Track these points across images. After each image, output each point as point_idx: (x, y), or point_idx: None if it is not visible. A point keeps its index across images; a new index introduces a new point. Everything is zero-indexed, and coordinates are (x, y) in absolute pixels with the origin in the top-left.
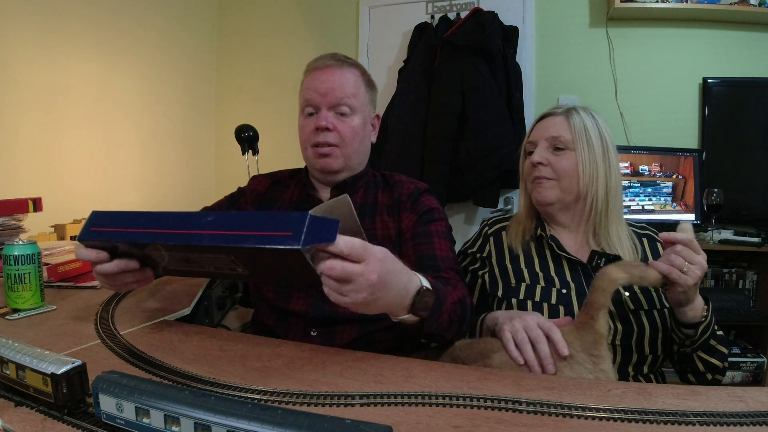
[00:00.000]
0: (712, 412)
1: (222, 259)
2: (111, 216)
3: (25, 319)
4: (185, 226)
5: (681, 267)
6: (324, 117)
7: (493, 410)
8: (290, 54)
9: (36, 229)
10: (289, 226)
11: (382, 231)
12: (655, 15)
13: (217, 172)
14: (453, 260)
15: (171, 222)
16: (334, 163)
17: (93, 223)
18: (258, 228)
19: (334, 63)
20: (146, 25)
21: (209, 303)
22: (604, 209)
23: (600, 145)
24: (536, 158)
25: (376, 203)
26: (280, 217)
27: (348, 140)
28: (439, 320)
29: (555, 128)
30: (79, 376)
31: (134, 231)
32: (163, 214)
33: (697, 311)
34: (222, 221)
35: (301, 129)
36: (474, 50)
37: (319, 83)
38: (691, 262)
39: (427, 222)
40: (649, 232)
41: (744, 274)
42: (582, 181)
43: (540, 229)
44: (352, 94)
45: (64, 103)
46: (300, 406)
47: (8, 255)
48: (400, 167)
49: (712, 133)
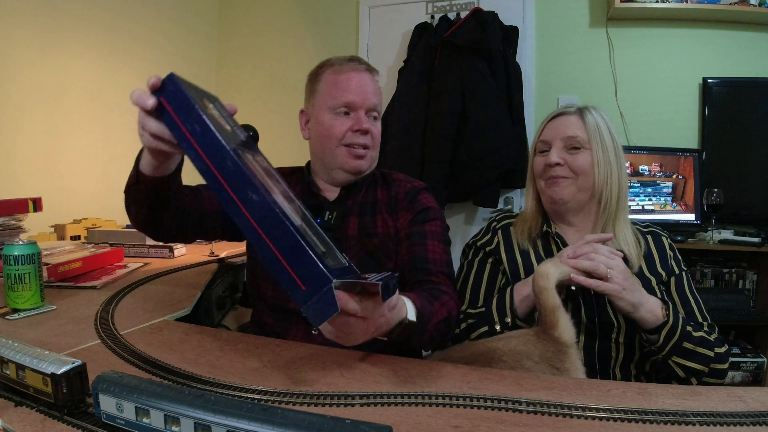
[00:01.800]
0: (712, 412)
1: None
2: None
3: (25, 319)
4: (234, 184)
5: (604, 274)
6: (364, 120)
7: (493, 410)
8: (290, 54)
9: (36, 229)
10: (311, 284)
11: (383, 228)
12: (655, 15)
13: None
14: (445, 263)
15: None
16: (365, 165)
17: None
18: (288, 258)
19: (366, 67)
20: (146, 25)
21: (209, 303)
22: (615, 207)
23: (612, 145)
24: (554, 158)
25: (376, 201)
26: (312, 269)
27: (377, 144)
28: (420, 340)
29: (571, 128)
30: (79, 376)
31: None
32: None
33: (655, 314)
34: (264, 217)
35: (331, 127)
36: (474, 50)
37: (356, 85)
38: (609, 266)
39: (422, 221)
40: (653, 229)
41: (744, 274)
42: (597, 180)
43: (546, 226)
44: (380, 101)
45: (64, 103)
46: (300, 406)
47: (8, 255)
48: (401, 167)
49: (712, 133)
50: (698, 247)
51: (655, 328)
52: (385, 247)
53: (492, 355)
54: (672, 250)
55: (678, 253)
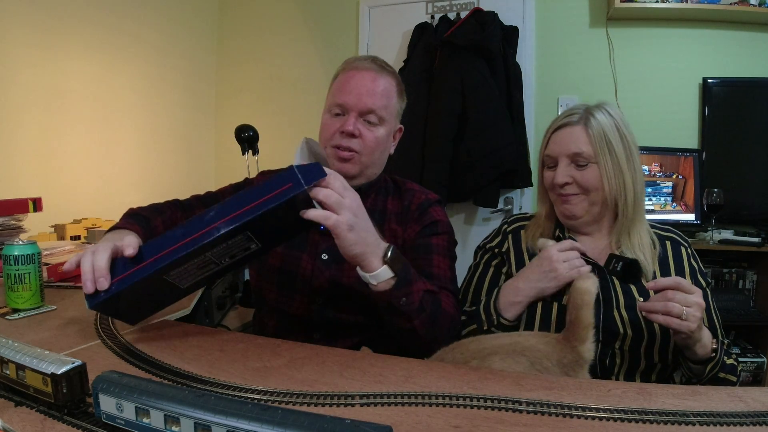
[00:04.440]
0: (712, 412)
1: (237, 241)
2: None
3: (25, 319)
4: (195, 231)
5: (679, 314)
6: (351, 123)
7: (493, 410)
8: (290, 54)
9: (36, 229)
10: (286, 181)
11: (390, 239)
12: (655, 15)
13: (217, 172)
14: (450, 279)
15: (179, 235)
16: (352, 169)
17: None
18: (263, 194)
19: (374, 67)
20: (146, 25)
21: (209, 303)
22: (632, 214)
23: (623, 149)
24: (560, 179)
25: (385, 210)
26: (275, 179)
27: (370, 150)
28: (411, 298)
29: (575, 143)
30: (79, 376)
31: (149, 262)
32: (165, 236)
33: (707, 348)
34: (227, 208)
35: (324, 126)
36: (474, 50)
37: (353, 86)
38: (687, 304)
39: (429, 234)
40: (673, 234)
41: (744, 274)
42: (609, 192)
43: (558, 231)
44: (384, 105)
45: (64, 103)
46: (300, 406)
47: (8, 255)
48: (401, 167)
49: (712, 133)
50: (698, 247)
51: (702, 360)
52: None
53: (514, 347)
54: (695, 262)
55: (702, 266)
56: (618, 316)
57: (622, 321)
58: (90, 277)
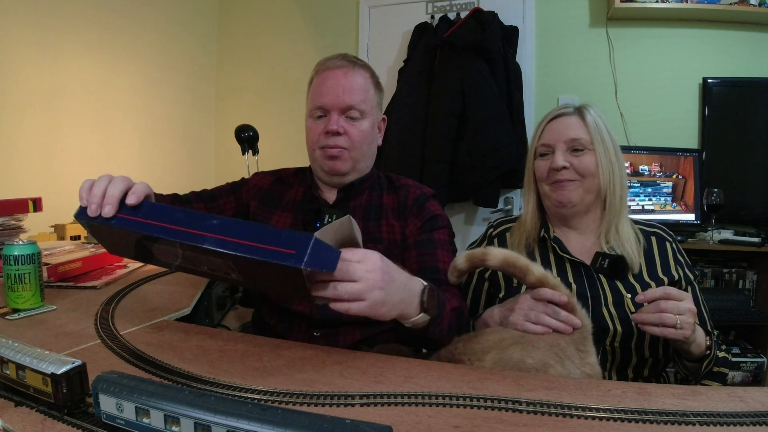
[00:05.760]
0: (712, 412)
1: (219, 262)
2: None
3: (25, 319)
4: (189, 226)
5: (673, 324)
6: (335, 121)
7: (493, 410)
8: (290, 54)
9: (36, 229)
10: (293, 245)
11: (388, 234)
12: (655, 15)
13: (217, 172)
14: None
15: (176, 219)
16: (343, 166)
17: None
18: (263, 241)
19: (345, 64)
20: (146, 25)
21: (209, 303)
22: (619, 207)
23: (611, 144)
24: (560, 162)
25: (381, 205)
26: (287, 235)
27: (357, 144)
28: (441, 325)
29: (573, 130)
30: (79, 376)
31: (139, 220)
32: (168, 210)
33: (701, 347)
34: (227, 227)
35: (309, 131)
36: (474, 50)
37: (329, 86)
38: (679, 312)
39: (430, 229)
40: (658, 230)
41: (744, 274)
42: (602, 180)
43: (544, 231)
44: (362, 99)
45: (64, 103)
46: (300, 406)
47: (8, 255)
48: (401, 167)
49: (712, 133)
50: (698, 247)
51: (697, 358)
52: (389, 253)
53: (530, 335)
54: (682, 256)
55: (689, 260)
56: (607, 313)
57: (611, 318)
58: (98, 201)
